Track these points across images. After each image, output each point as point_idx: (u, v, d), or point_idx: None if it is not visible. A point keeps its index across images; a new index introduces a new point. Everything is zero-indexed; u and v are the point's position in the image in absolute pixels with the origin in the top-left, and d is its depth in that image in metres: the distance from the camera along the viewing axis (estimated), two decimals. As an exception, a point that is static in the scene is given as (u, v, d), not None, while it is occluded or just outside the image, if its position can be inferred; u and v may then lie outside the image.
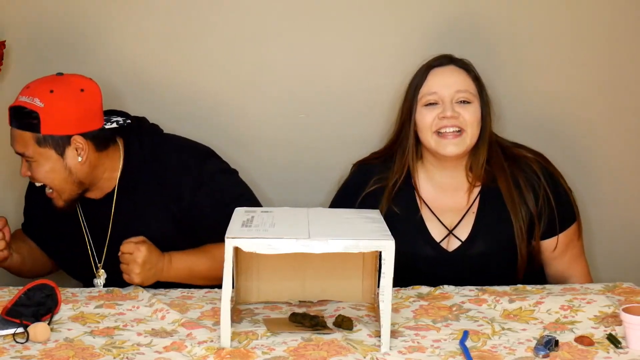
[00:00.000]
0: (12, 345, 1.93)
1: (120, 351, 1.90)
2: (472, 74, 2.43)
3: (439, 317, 2.09)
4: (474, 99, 2.40)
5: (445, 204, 2.45)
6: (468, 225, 2.43)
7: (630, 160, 2.90)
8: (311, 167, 2.87)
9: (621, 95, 2.86)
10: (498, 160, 2.43)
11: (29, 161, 2.34)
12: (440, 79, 2.41)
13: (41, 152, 2.31)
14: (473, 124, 2.38)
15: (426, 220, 2.45)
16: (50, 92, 2.30)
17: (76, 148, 2.34)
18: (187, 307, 2.17)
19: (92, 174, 2.39)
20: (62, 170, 2.34)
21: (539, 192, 2.41)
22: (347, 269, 2.19)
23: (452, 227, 2.43)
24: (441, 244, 2.43)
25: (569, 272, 2.50)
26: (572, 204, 2.48)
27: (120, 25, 2.80)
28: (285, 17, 2.82)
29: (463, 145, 2.38)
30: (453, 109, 2.37)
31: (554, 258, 2.47)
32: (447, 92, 2.39)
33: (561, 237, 2.45)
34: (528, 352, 1.88)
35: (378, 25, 2.81)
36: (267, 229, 1.96)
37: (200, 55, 2.83)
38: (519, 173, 2.42)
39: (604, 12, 2.81)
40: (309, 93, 2.85)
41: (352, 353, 1.88)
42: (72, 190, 2.38)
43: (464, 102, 2.39)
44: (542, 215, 2.41)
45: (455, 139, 2.37)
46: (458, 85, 2.39)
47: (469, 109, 2.38)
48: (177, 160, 2.45)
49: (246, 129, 2.87)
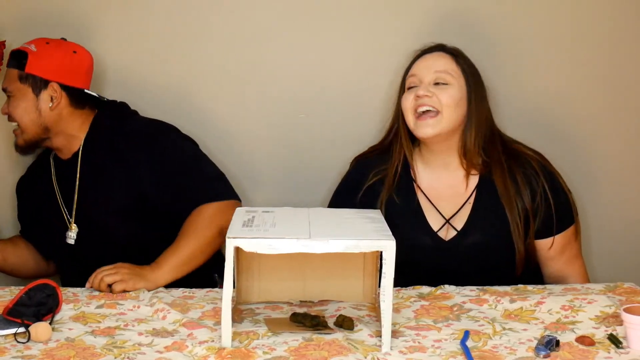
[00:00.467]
0: (14, 345, 1.93)
1: (121, 351, 1.90)
2: (460, 59, 2.44)
3: (439, 317, 2.09)
4: (454, 81, 2.40)
5: (443, 192, 2.46)
6: (465, 215, 2.44)
7: (630, 160, 2.90)
8: (311, 167, 2.87)
9: (622, 94, 2.86)
10: (496, 153, 2.44)
11: (9, 97, 2.55)
12: (423, 63, 2.45)
13: (20, 89, 2.53)
14: (449, 105, 2.37)
15: (424, 209, 2.46)
16: (47, 43, 2.56)
17: (51, 94, 2.54)
18: (188, 307, 2.17)
19: (58, 124, 2.56)
20: (33, 111, 2.53)
21: (536, 189, 2.41)
22: (348, 269, 2.19)
23: (450, 217, 2.44)
24: (438, 233, 2.44)
25: (566, 272, 2.50)
26: (570, 205, 2.48)
27: (121, 25, 2.80)
28: (285, 17, 2.82)
29: (438, 126, 2.37)
30: (428, 89, 2.39)
31: (551, 258, 2.48)
32: (426, 74, 2.41)
33: (559, 238, 2.46)
34: (529, 352, 1.88)
35: (378, 25, 2.82)
36: (267, 229, 1.96)
37: (200, 55, 2.83)
38: (517, 168, 2.43)
39: (604, 9, 2.82)
40: (309, 93, 2.86)
41: (353, 353, 1.88)
42: (35, 132, 2.56)
43: (442, 84, 2.40)
44: (538, 213, 2.41)
45: (430, 119, 2.37)
46: (436, 67, 2.41)
47: (446, 90, 2.39)
48: (138, 134, 2.58)
49: (246, 129, 2.87)
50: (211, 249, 2.48)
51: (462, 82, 2.41)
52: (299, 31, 2.83)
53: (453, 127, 2.39)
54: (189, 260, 2.42)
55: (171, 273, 2.38)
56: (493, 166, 2.43)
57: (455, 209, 2.44)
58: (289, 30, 2.83)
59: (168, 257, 2.40)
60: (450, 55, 2.44)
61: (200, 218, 2.47)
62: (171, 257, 2.40)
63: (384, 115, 2.80)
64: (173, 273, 2.38)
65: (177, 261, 2.40)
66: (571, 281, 2.47)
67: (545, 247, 2.46)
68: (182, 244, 2.43)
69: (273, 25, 2.82)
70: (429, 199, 2.46)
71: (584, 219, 2.74)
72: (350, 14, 2.82)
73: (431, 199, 2.46)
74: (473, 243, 2.42)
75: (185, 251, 2.42)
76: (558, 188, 2.45)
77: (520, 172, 2.42)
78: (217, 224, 2.45)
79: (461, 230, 2.43)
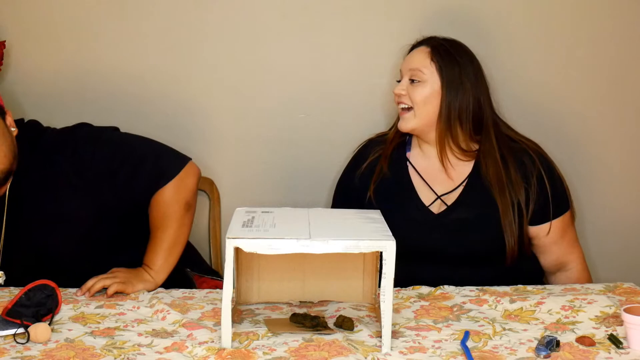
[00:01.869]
0: (13, 346, 1.92)
1: (121, 352, 1.90)
2: (438, 54, 2.47)
3: (439, 318, 2.09)
4: (426, 78, 2.45)
5: (437, 174, 2.51)
6: (456, 194, 2.49)
7: (630, 159, 2.91)
8: (311, 167, 2.87)
9: (621, 89, 2.87)
10: (489, 141, 2.47)
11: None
12: (407, 58, 2.53)
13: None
14: (419, 103, 2.45)
15: (415, 186, 2.51)
16: None
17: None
18: (187, 308, 2.17)
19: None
20: None
21: (531, 177, 2.45)
22: (348, 269, 2.19)
23: (442, 195, 2.49)
24: (430, 207, 2.48)
25: (567, 258, 2.53)
26: (566, 191, 2.53)
27: (120, 25, 2.80)
28: (285, 17, 2.82)
29: (413, 121, 2.47)
30: (403, 86, 2.48)
31: (553, 243, 2.51)
32: (405, 70, 2.50)
33: (557, 223, 2.49)
34: (529, 352, 1.88)
35: (378, 25, 2.82)
36: (267, 229, 1.95)
37: (200, 55, 2.83)
38: (511, 157, 2.47)
39: (602, 2, 2.81)
40: (309, 93, 2.86)
41: (353, 353, 1.87)
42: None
43: (416, 81, 2.46)
44: (532, 200, 2.44)
45: (406, 114, 2.48)
46: (412, 64, 2.48)
47: (417, 88, 2.46)
48: (52, 143, 2.36)
49: (246, 128, 2.87)
50: (187, 228, 2.43)
51: (436, 77, 2.45)
52: (299, 31, 2.83)
53: (430, 121, 2.46)
54: (174, 249, 2.39)
55: (164, 268, 2.37)
56: (486, 154, 2.47)
57: (447, 190, 2.49)
58: (288, 30, 2.83)
59: (153, 255, 2.38)
60: (429, 50, 2.48)
61: (163, 205, 2.38)
62: (156, 253, 2.38)
63: (384, 115, 2.80)
64: (165, 267, 2.37)
65: (164, 254, 2.38)
66: (573, 266, 2.52)
67: (543, 233, 2.49)
68: (160, 237, 2.38)
69: (273, 25, 2.82)
70: (422, 177, 2.51)
71: (582, 218, 2.74)
72: (350, 14, 2.82)
73: (425, 178, 2.51)
74: (460, 218, 2.46)
75: (166, 242, 2.38)
76: (554, 174, 2.50)
77: (515, 161, 2.47)
78: (180, 202, 2.39)
79: (451, 205, 2.47)
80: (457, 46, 2.50)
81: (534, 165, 2.46)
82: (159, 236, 2.39)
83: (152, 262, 2.37)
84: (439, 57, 2.46)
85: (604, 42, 2.85)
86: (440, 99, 2.45)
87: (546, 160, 2.50)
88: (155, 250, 2.39)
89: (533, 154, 2.48)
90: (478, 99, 2.47)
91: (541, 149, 2.53)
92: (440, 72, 2.45)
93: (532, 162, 2.46)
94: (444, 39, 2.51)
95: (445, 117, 2.45)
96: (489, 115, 2.49)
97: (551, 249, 2.52)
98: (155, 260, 2.37)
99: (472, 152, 2.49)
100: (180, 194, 2.39)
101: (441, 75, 2.45)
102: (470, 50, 2.51)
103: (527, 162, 2.46)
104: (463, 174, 2.49)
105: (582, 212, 2.84)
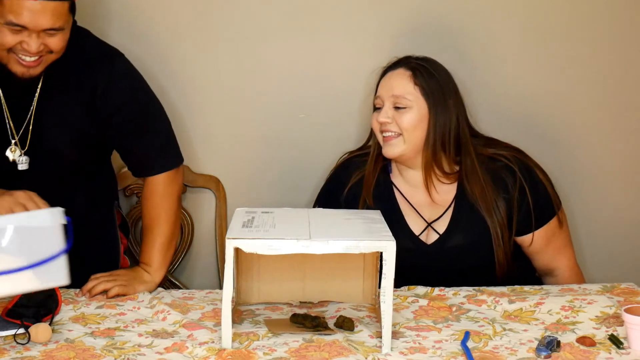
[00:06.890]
0: (13, 347, 1.93)
1: (121, 352, 1.90)
2: (420, 76, 2.42)
3: (439, 318, 2.09)
4: (412, 104, 2.39)
5: (422, 199, 2.47)
6: (446, 221, 2.44)
7: (622, 160, 2.91)
8: (310, 168, 2.86)
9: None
10: (469, 161, 2.42)
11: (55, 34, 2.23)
12: (386, 82, 2.45)
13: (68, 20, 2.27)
14: (408, 129, 2.39)
15: (404, 213, 2.46)
16: None
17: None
18: (188, 308, 2.17)
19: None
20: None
21: (512, 191, 2.41)
22: (348, 270, 2.19)
23: (431, 221, 2.45)
24: (420, 237, 2.44)
25: (554, 264, 2.51)
26: (551, 198, 2.47)
27: (121, 25, 2.80)
28: (285, 17, 2.82)
29: (399, 147, 2.40)
30: (388, 114, 2.41)
31: (536, 252, 2.49)
32: (387, 96, 2.43)
33: (541, 233, 2.45)
34: (530, 352, 1.88)
35: (378, 25, 2.81)
36: (267, 229, 1.95)
37: (199, 55, 2.83)
38: (490, 175, 2.42)
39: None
40: (309, 93, 2.86)
41: (354, 354, 1.88)
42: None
43: (401, 108, 2.40)
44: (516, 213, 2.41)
45: (394, 139, 2.41)
46: (395, 90, 2.42)
47: (404, 114, 2.40)
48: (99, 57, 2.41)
49: (246, 128, 2.87)
50: (179, 224, 2.53)
51: (422, 101, 2.40)
52: (299, 31, 2.83)
53: (418, 146, 2.41)
54: (170, 244, 2.42)
55: (162, 266, 2.38)
56: (468, 174, 2.42)
57: (436, 215, 2.45)
58: (289, 30, 2.83)
59: (151, 253, 2.38)
60: (410, 73, 2.42)
61: (157, 197, 2.41)
62: (154, 250, 2.38)
63: (383, 115, 2.79)
64: (164, 264, 2.38)
65: (162, 250, 2.39)
66: (560, 273, 2.50)
67: (526, 244, 2.47)
68: (156, 232, 2.40)
69: (273, 25, 2.82)
70: (411, 204, 2.47)
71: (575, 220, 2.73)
72: (350, 14, 2.82)
73: (413, 204, 2.47)
74: (455, 246, 2.42)
75: (163, 237, 2.40)
76: (536, 182, 2.45)
77: (495, 177, 2.42)
78: (173, 196, 2.43)
79: (443, 234, 2.43)
80: (434, 64, 2.45)
81: (515, 178, 2.41)
82: (155, 232, 2.40)
83: (150, 260, 2.38)
84: (422, 80, 2.41)
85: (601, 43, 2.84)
86: (428, 122, 2.40)
87: (527, 168, 2.44)
88: (152, 246, 2.39)
89: (513, 166, 2.42)
90: (457, 116, 2.43)
91: (520, 154, 2.47)
92: (426, 96, 2.40)
93: (512, 176, 2.41)
94: (419, 58, 2.46)
95: (432, 140, 2.39)
96: (466, 132, 2.45)
97: (535, 257, 2.50)
98: (153, 258, 2.38)
99: (454, 174, 2.44)
100: (174, 187, 2.44)
101: (427, 99, 2.40)
102: (443, 66, 2.48)
103: (507, 177, 2.41)
104: (448, 198, 2.45)
105: (576, 213, 2.84)
